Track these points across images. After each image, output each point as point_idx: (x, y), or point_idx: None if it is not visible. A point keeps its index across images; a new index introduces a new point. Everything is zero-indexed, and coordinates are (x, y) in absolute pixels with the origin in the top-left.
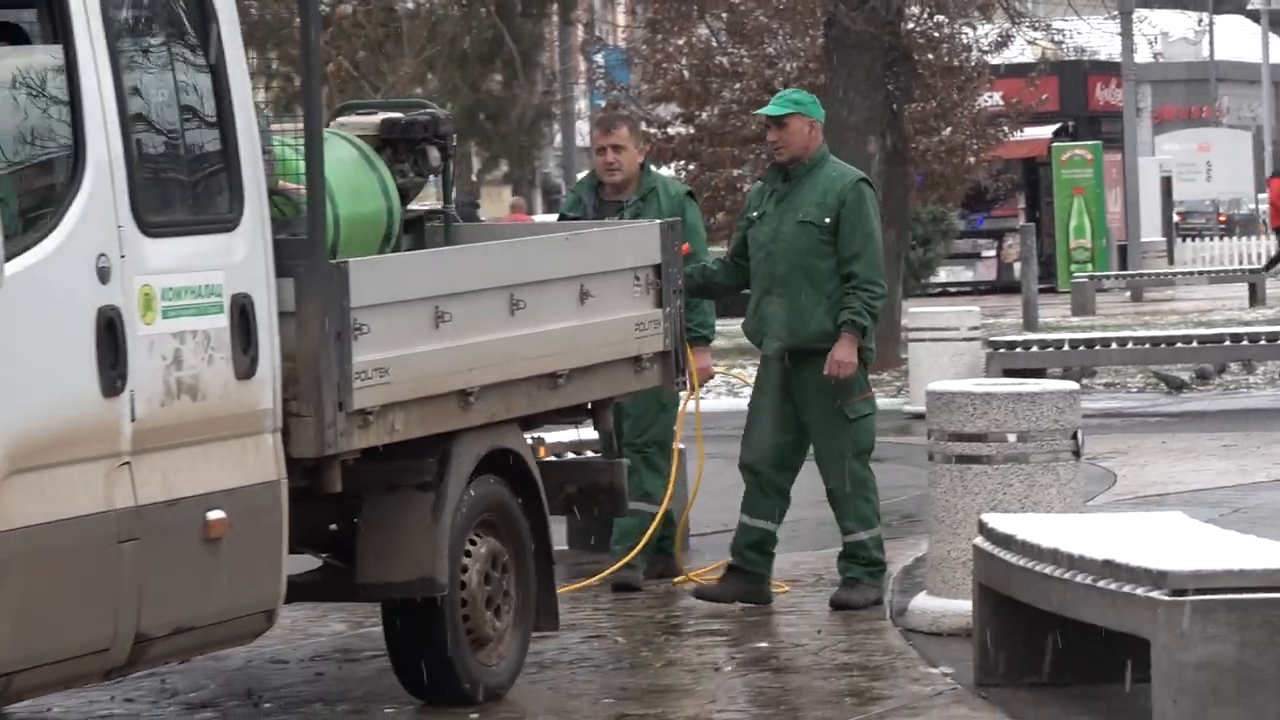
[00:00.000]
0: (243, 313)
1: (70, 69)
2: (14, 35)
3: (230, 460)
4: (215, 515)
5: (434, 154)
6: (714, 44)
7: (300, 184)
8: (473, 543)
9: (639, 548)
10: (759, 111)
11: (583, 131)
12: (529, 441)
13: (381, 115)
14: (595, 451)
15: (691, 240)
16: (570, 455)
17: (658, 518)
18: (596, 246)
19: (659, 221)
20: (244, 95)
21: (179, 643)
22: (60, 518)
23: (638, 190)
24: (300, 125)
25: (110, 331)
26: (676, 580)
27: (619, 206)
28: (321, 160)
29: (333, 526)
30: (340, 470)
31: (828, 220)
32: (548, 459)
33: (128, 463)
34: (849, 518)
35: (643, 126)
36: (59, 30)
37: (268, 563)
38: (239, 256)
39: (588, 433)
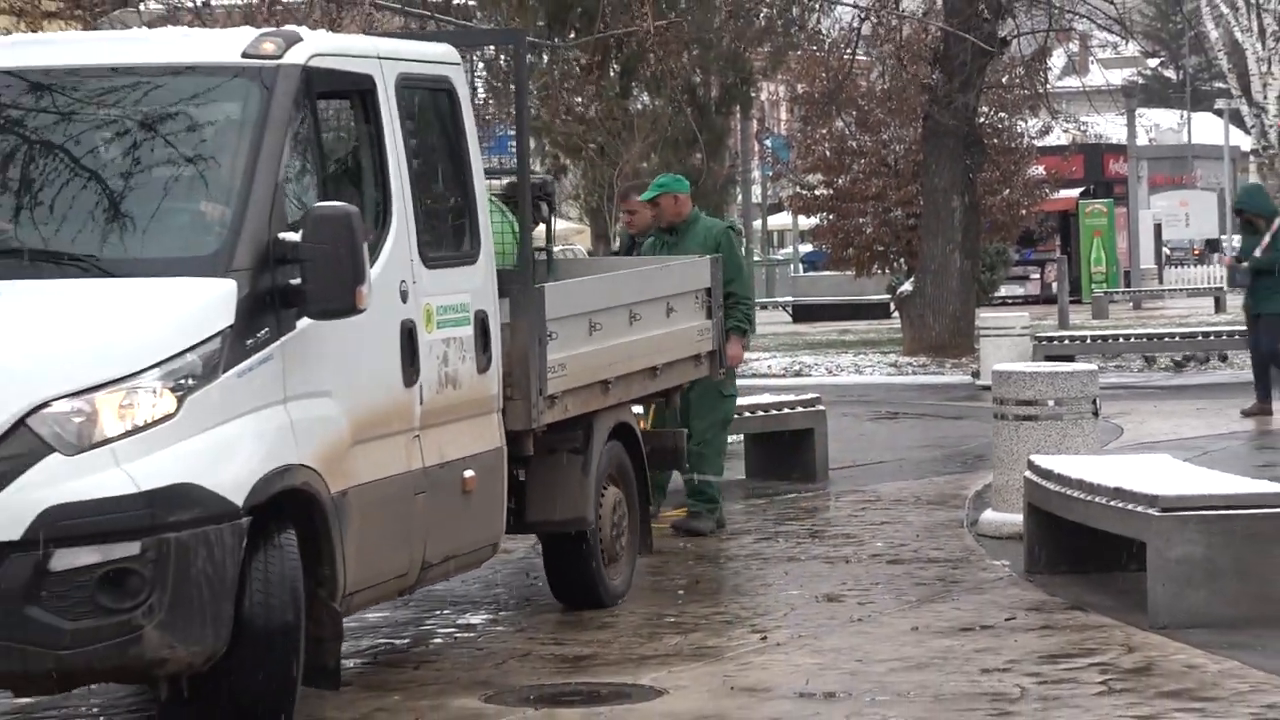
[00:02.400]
0: (481, 324)
1: (379, 147)
2: (338, 115)
3: (474, 432)
4: (469, 473)
5: (543, 208)
6: (846, 132)
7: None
8: (604, 490)
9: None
10: (640, 198)
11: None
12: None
13: (507, 180)
14: None
15: (728, 263)
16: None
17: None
18: (676, 275)
19: (709, 257)
20: (478, 167)
21: (445, 568)
22: (381, 476)
23: (653, 231)
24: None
25: (409, 338)
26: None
27: (638, 243)
28: (530, 213)
29: (520, 478)
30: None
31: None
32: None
33: (418, 435)
34: (705, 468)
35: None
36: (370, 117)
37: (496, 508)
38: (478, 283)
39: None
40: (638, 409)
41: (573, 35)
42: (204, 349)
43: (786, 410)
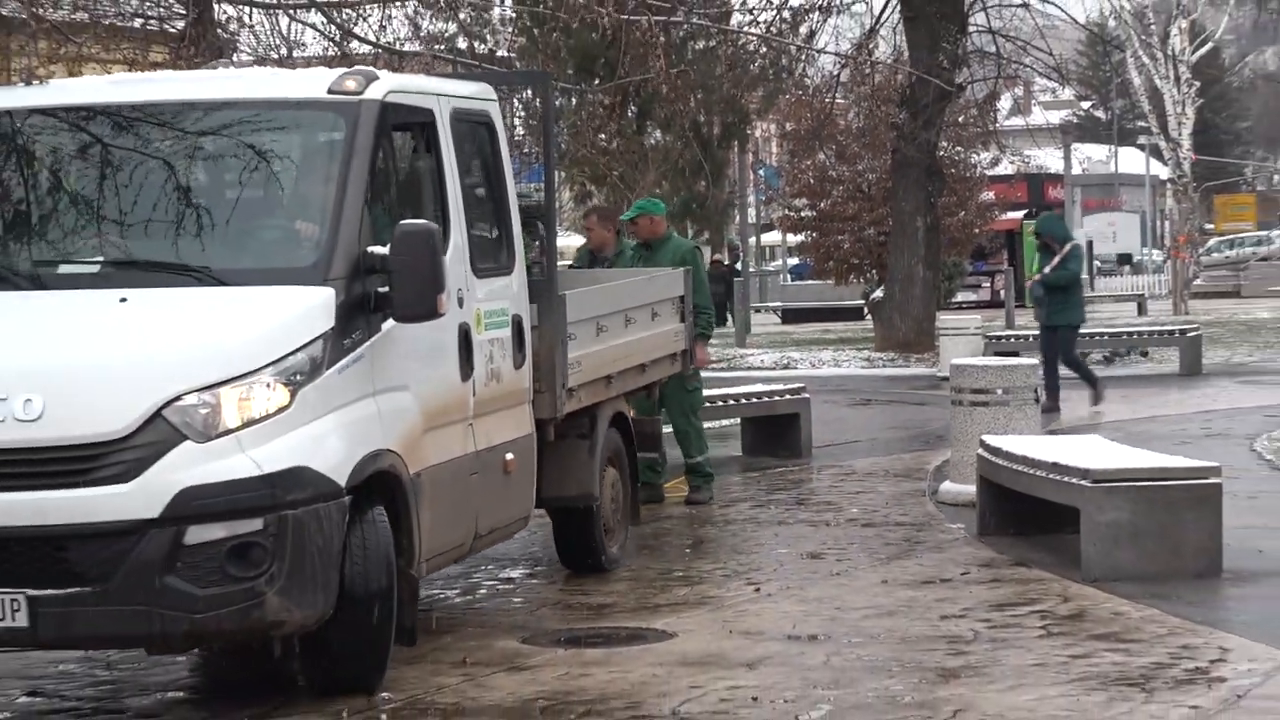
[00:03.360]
0: (517, 327)
1: (439, 171)
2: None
3: (512, 421)
4: (509, 456)
5: (538, 226)
6: (827, 163)
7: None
8: (604, 471)
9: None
10: (622, 217)
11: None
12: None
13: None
14: None
15: (696, 280)
16: None
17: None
18: (659, 285)
19: (683, 269)
20: (512, 189)
21: (491, 539)
22: (446, 459)
23: (616, 249)
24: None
25: (465, 339)
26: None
27: (601, 261)
28: (555, 230)
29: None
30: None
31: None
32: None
33: (471, 423)
34: (692, 450)
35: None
36: (431, 146)
37: (529, 486)
38: (514, 290)
39: None
40: None
41: (597, 82)
42: (311, 349)
43: (776, 398)
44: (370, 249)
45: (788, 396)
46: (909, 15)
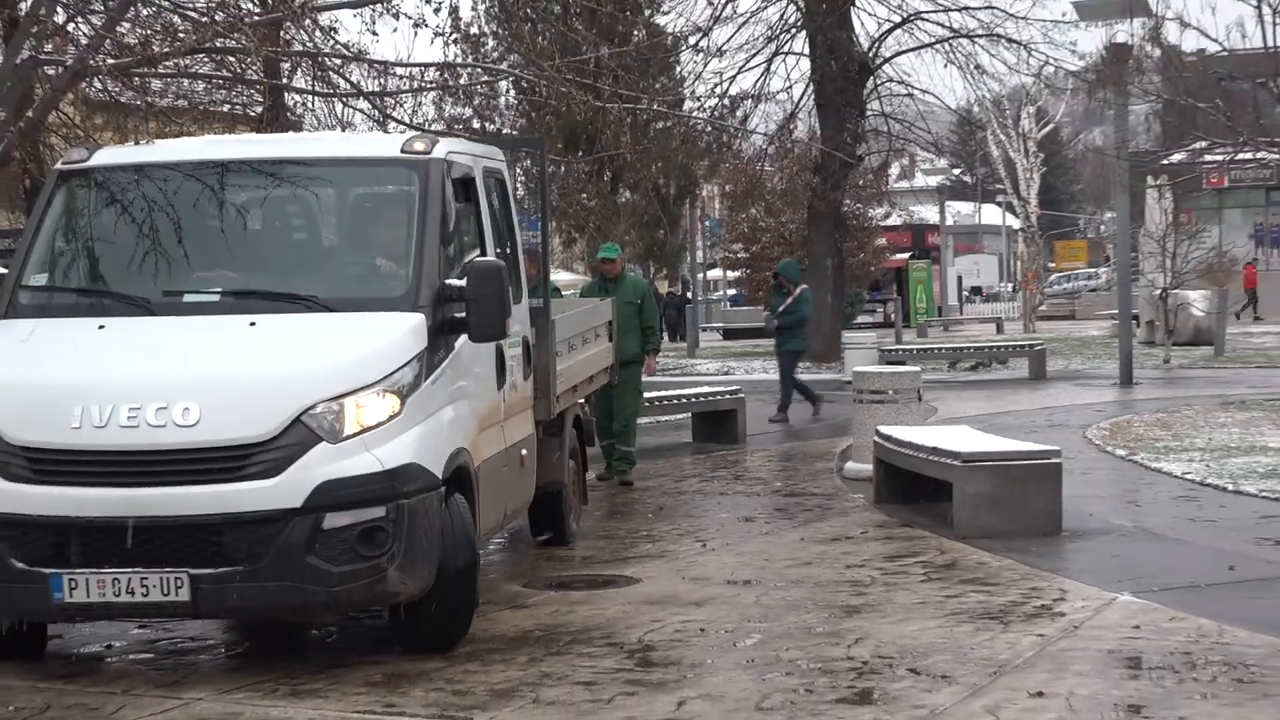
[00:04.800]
0: (526, 345)
1: (479, 217)
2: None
3: (522, 423)
4: (524, 452)
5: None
6: (758, 216)
7: None
8: (568, 462)
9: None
10: (601, 255)
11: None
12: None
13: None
14: None
15: (646, 307)
16: None
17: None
18: (596, 313)
19: (609, 300)
20: (519, 234)
21: (510, 519)
22: (491, 454)
23: (618, 283)
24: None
25: (500, 356)
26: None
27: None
28: (548, 264)
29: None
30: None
31: (638, 302)
32: None
33: (501, 425)
34: (628, 442)
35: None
36: (472, 196)
37: (532, 476)
38: (523, 315)
39: None
40: None
41: (580, 154)
42: (413, 364)
43: (718, 397)
44: (448, 281)
45: (727, 396)
46: (820, 103)
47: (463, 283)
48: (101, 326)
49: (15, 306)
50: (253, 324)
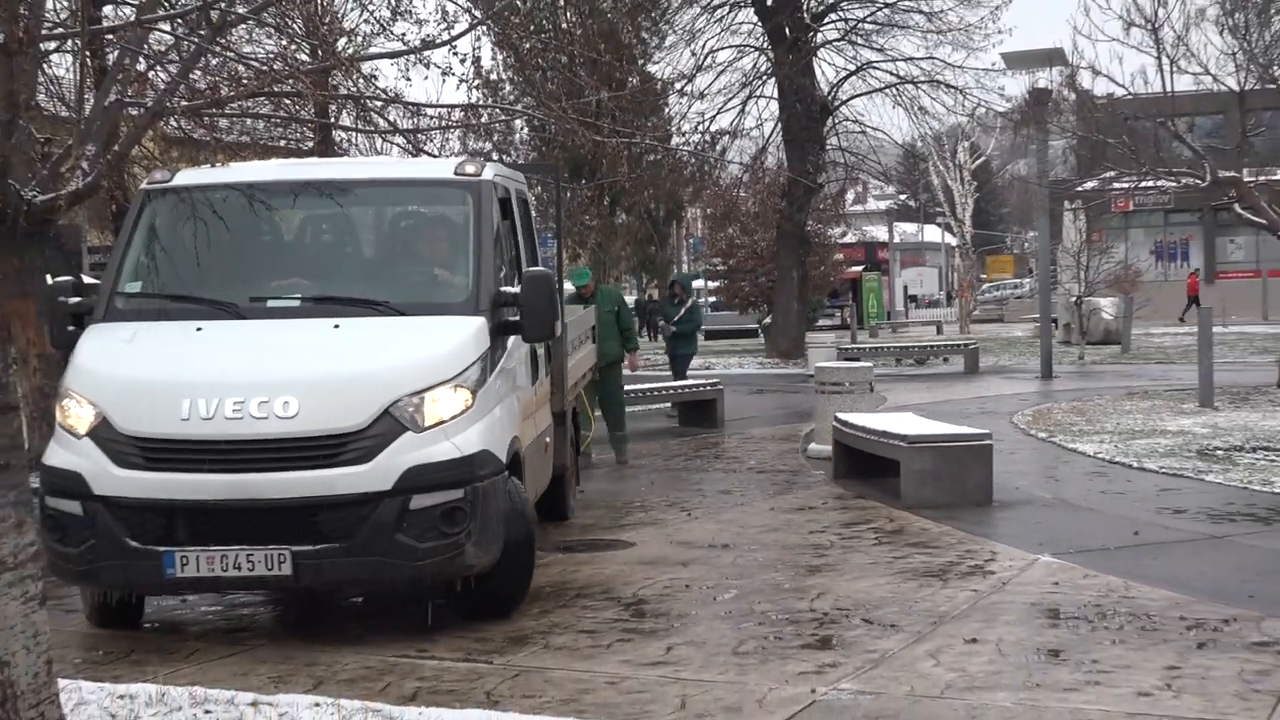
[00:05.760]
0: (547, 346)
1: (514, 232)
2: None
3: (545, 414)
4: (548, 440)
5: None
6: (734, 235)
7: None
8: (569, 448)
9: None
10: (577, 284)
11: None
12: None
13: None
14: None
15: (622, 313)
16: None
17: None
18: (586, 318)
19: (591, 309)
20: (537, 247)
21: (536, 498)
22: (530, 441)
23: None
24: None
25: (534, 355)
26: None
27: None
28: (561, 275)
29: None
30: None
31: (615, 310)
32: None
33: (533, 416)
34: (618, 426)
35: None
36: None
37: (551, 461)
38: None
39: None
40: None
41: (583, 181)
42: (479, 363)
43: (701, 388)
44: (503, 288)
45: (709, 388)
46: (787, 138)
47: (514, 289)
48: (199, 329)
49: (112, 311)
50: (336, 326)
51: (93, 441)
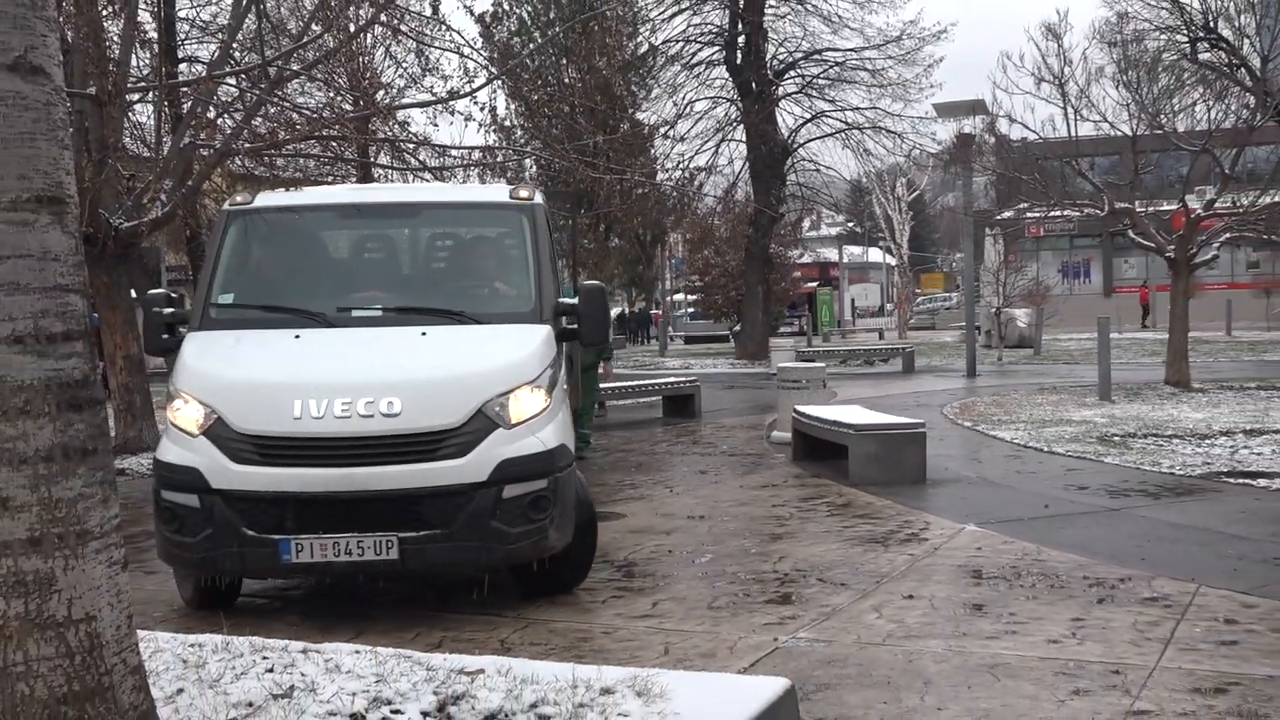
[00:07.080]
0: (569, 354)
1: (525, 249)
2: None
3: (568, 409)
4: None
5: None
6: (709, 255)
7: None
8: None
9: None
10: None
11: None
12: None
13: None
14: None
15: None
16: None
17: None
18: None
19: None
20: (558, 263)
21: None
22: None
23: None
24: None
25: (570, 360)
26: None
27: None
28: (569, 290)
29: None
30: None
31: None
32: None
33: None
34: (586, 426)
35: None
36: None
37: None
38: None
39: None
40: None
41: (582, 211)
42: (552, 366)
43: (681, 384)
44: (561, 299)
45: (687, 384)
46: (754, 175)
47: (571, 300)
48: (297, 336)
49: (207, 320)
50: (424, 334)
51: (208, 439)
